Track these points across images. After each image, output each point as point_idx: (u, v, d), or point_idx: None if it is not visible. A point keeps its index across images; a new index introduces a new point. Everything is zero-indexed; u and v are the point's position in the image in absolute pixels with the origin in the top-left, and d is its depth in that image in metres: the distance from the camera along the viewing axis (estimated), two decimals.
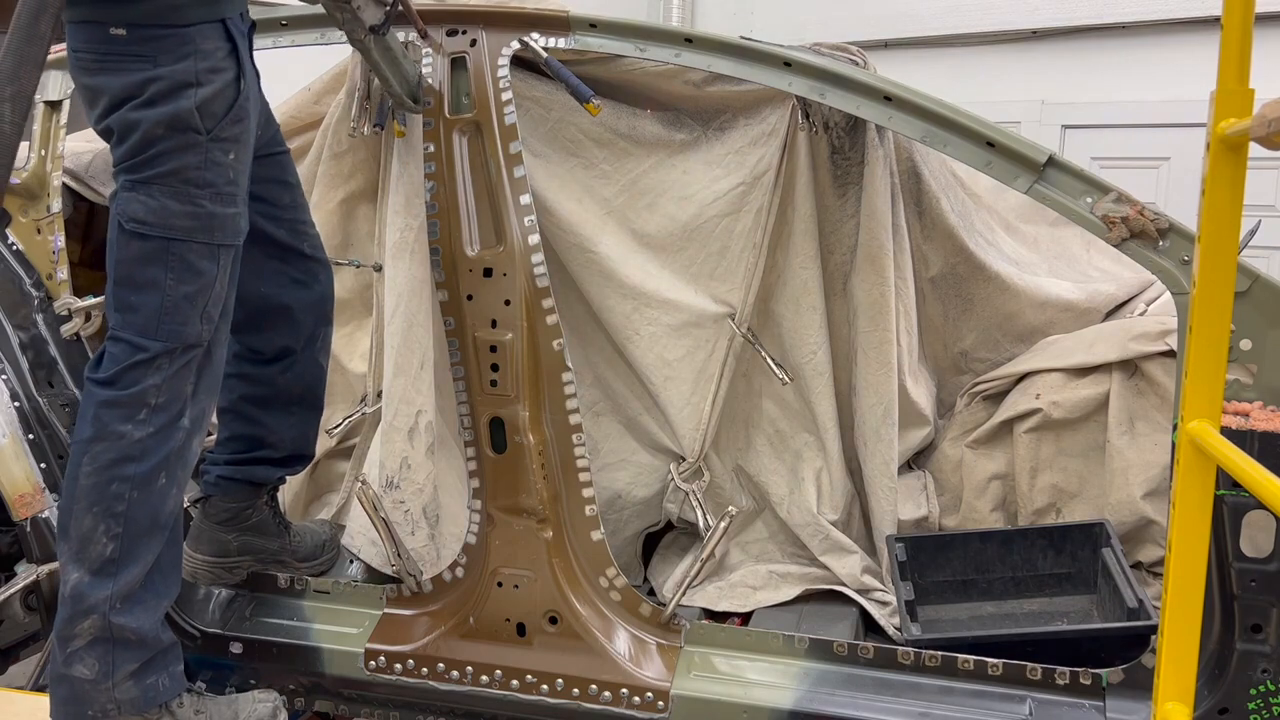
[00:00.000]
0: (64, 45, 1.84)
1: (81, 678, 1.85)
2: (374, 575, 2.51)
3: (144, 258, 1.83)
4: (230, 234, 1.90)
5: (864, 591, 2.47)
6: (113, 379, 1.85)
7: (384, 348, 2.37)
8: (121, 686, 1.87)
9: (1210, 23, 5.08)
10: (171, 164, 1.80)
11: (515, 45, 2.26)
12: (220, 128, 1.83)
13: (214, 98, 1.81)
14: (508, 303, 2.25)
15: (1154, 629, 2.02)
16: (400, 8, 2.09)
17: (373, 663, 2.36)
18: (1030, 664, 2.08)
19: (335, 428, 2.66)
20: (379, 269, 2.53)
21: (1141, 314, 2.76)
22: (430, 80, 2.26)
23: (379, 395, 2.48)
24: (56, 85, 2.47)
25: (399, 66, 2.18)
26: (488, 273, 2.26)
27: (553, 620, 2.31)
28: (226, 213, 1.87)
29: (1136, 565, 2.50)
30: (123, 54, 1.76)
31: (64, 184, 2.56)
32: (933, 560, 2.47)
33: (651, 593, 2.66)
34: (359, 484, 2.29)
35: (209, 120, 1.81)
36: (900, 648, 2.17)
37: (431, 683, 2.34)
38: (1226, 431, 1.77)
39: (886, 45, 6.00)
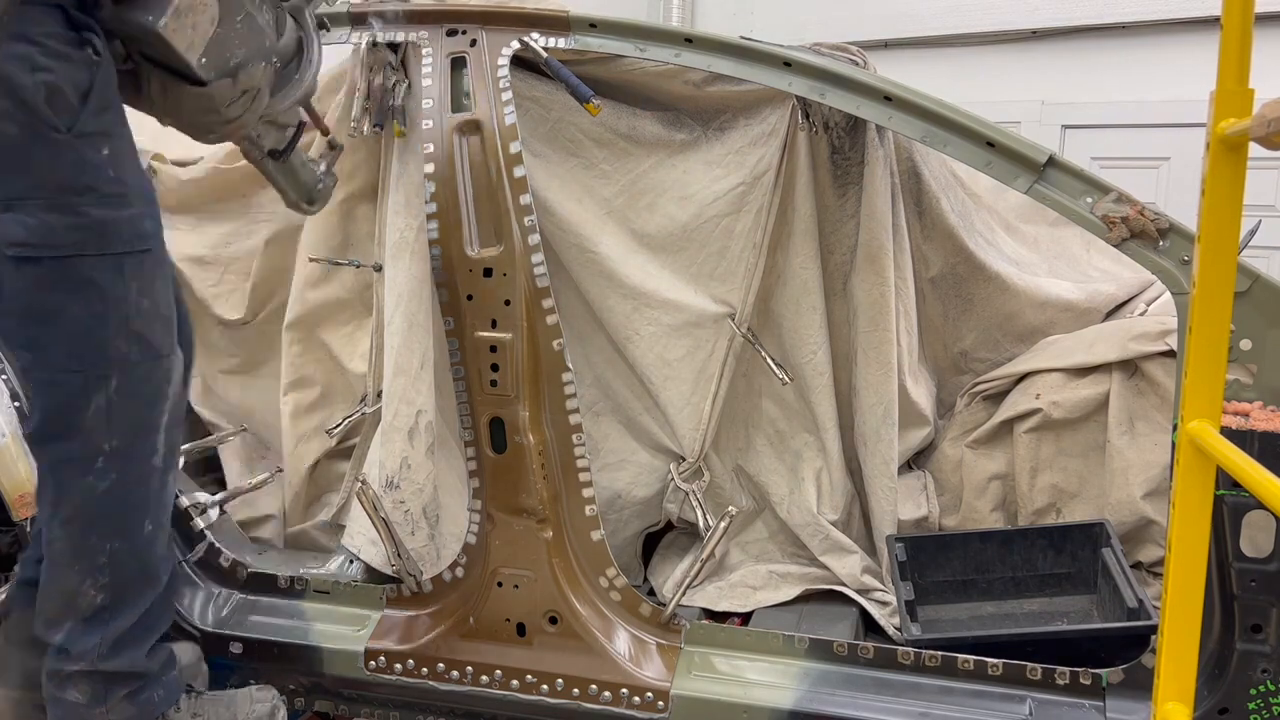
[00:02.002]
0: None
1: (75, 702, 1.80)
2: (374, 575, 2.51)
3: (38, 284, 1.59)
4: (129, 239, 1.65)
5: (864, 591, 2.47)
6: (52, 432, 1.65)
7: (384, 348, 2.38)
8: (117, 709, 1.83)
9: (1210, 23, 5.07)
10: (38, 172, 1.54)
11: (515, 45, 2.26)
12: (82, 122, 1.56)
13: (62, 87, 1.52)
14: (508, 303, 2.25)
15: (1154, 629, 2.01)
16: (303, 130, 1.95)
17: (373, 663, 2.36)
18: (1030, 664, 2.08)
19: (335, 428, 2.66)
20: (379, 269, 2.53)
21: (1141, 314, 2.76)
22: (430, 80, 2.26)
23: (379, 395, 2.48)
24: None
25: (296, 177, 2.06)
26: (488, 273, 2.26)
27: (553, 620, 2.31)
28: (119, 215, 1.62)
29: (1136, 565, 2.50)
30: None
31: None
32: (933, 560, 2.47)
33: (651, 593, 2.66)
34: (359, 484, 2.29)
35: (65, 114, 1.53)
36: (900, 648, 2.17)
37: (431, 683, 2.34)
38: (1226, 431, 1.76)
39: (886, 45, 5.99)
